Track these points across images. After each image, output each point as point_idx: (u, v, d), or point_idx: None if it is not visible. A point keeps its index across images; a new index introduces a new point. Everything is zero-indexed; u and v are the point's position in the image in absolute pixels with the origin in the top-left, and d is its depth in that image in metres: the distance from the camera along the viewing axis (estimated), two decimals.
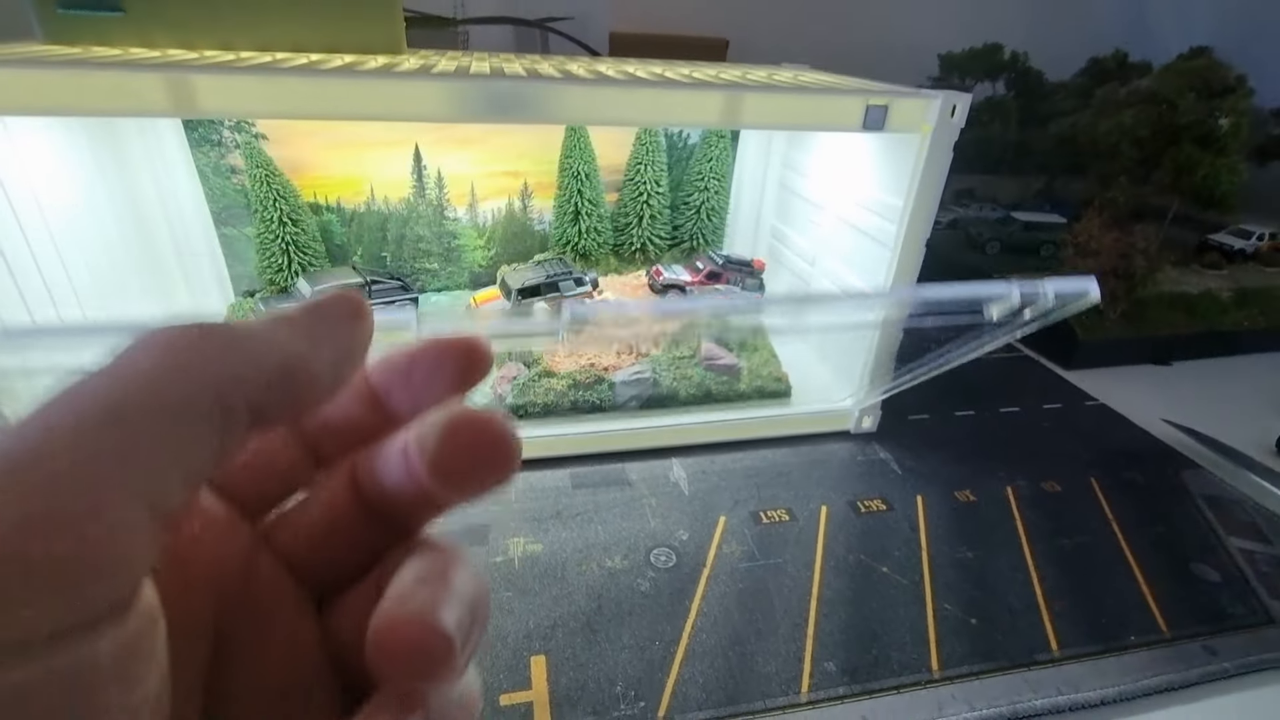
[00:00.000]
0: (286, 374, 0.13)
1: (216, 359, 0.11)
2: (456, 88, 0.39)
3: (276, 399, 0.12)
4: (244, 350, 0.12)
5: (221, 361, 0.11)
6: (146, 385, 0.11)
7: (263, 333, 0.13)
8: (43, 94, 0.35)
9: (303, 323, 0.13)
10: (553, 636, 0.39)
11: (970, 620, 0.42)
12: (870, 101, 0.45)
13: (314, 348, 0.13)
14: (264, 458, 0.15)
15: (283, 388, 0.12)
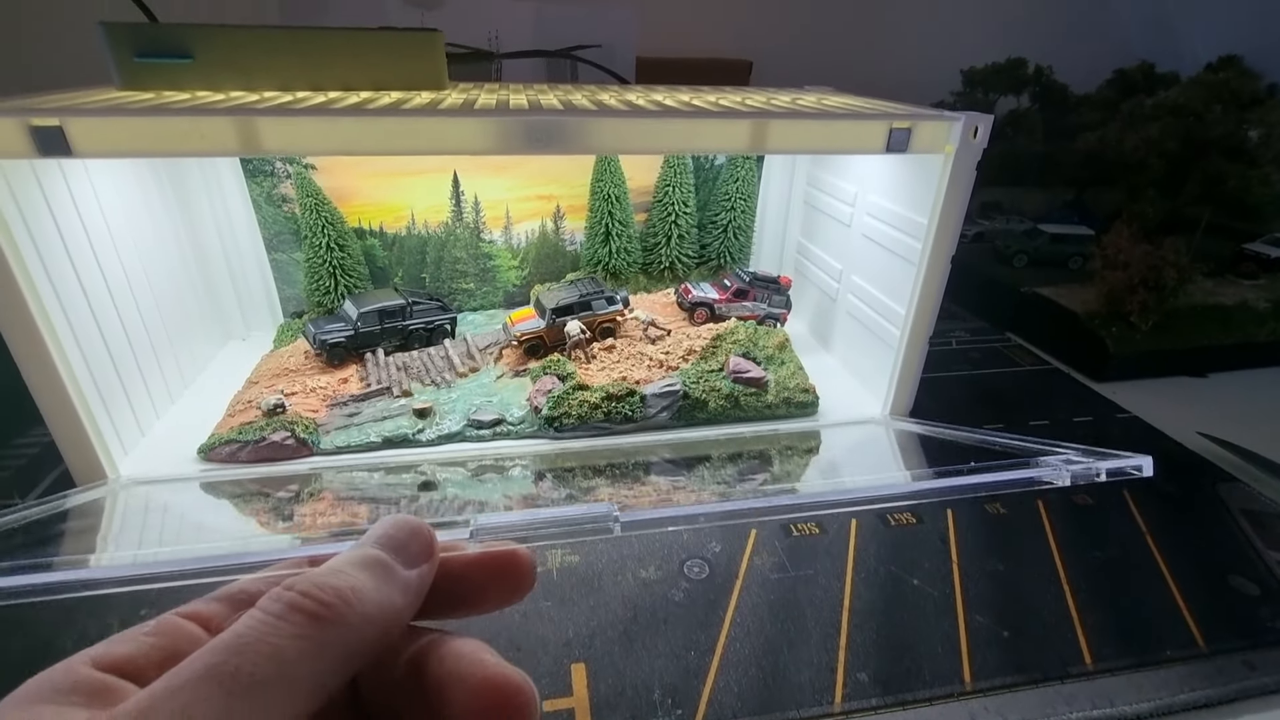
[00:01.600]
0: (387, 631, 0.16)
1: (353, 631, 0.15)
2: (497, 123, 0.42)
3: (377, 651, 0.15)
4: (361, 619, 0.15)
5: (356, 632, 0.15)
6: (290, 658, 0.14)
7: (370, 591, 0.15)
8: (128, 138, 0.39)
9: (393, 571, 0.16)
10: (591, 645, 0.40)
11: (1002, 632, 0.42)
12: (893, 125, 0.47)
13: (404, 595, 0.16)
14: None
15: (383, 641, 0.15)
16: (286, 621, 0.14)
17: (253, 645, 0.13)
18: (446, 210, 0.70)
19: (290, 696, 0.13)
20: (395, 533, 0.17)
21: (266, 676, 0.13)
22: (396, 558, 0.17)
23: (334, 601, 0.15)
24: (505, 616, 0.42)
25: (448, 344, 0.65)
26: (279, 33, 0.49)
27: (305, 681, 0.13)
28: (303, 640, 0.14)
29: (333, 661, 0.14)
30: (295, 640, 0.14)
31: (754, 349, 0.62)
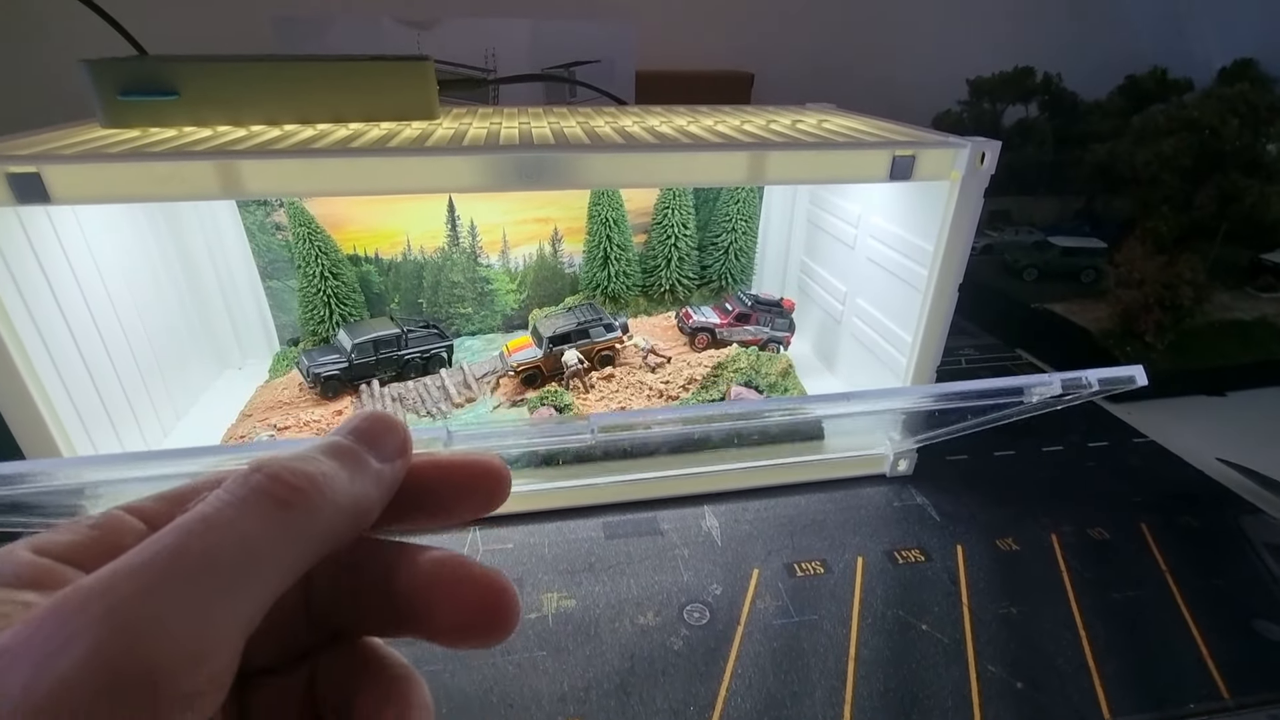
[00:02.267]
0: (357, 522, 0.15)
1: (323, 520, 0.14)
2: (485, 160, 0.41)
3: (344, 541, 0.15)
4: (331, 508, 0.14)
5: (326, 521, 0.14)
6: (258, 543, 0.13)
7: (342, 483, 0.15)
8: (107, 184, 0.38)
9: (365, 463, 0.15)
10: (587, 699, 0.39)
11: (1016, 683, 0.40)
12: (896, 153, 0.45)
13: (377, 487, 0.16)
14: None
15: (352, 532, 0.15)
16: (253, 506, 0.13)
17: (218, 528, 0.13)
18: (442, 235, 0.68)
19: (254, 582, 0.13)
20: (368, 426, 0.16)
21: (232, 561, 0.12)
22: (369, 450, 0.16)
23: (304, 487, 0.14)
24: (499, 668, 0.41)
25: (444, 374, 0.64)
26: (265, 65, 0.48)
27: (271, 568, 0.13)
28: (270, 525, 0.13)
29: (300, 549, 0.13)
30: (263, 525, 0.13)
31: (756, 377, 0.60)
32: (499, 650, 0.42)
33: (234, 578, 0.12)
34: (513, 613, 0.16)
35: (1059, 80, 0.98)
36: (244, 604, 0.12)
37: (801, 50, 1.05)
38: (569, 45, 0.90)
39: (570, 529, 0.52)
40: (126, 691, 0.10)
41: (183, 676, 0.11)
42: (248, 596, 0.12)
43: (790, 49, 1.05)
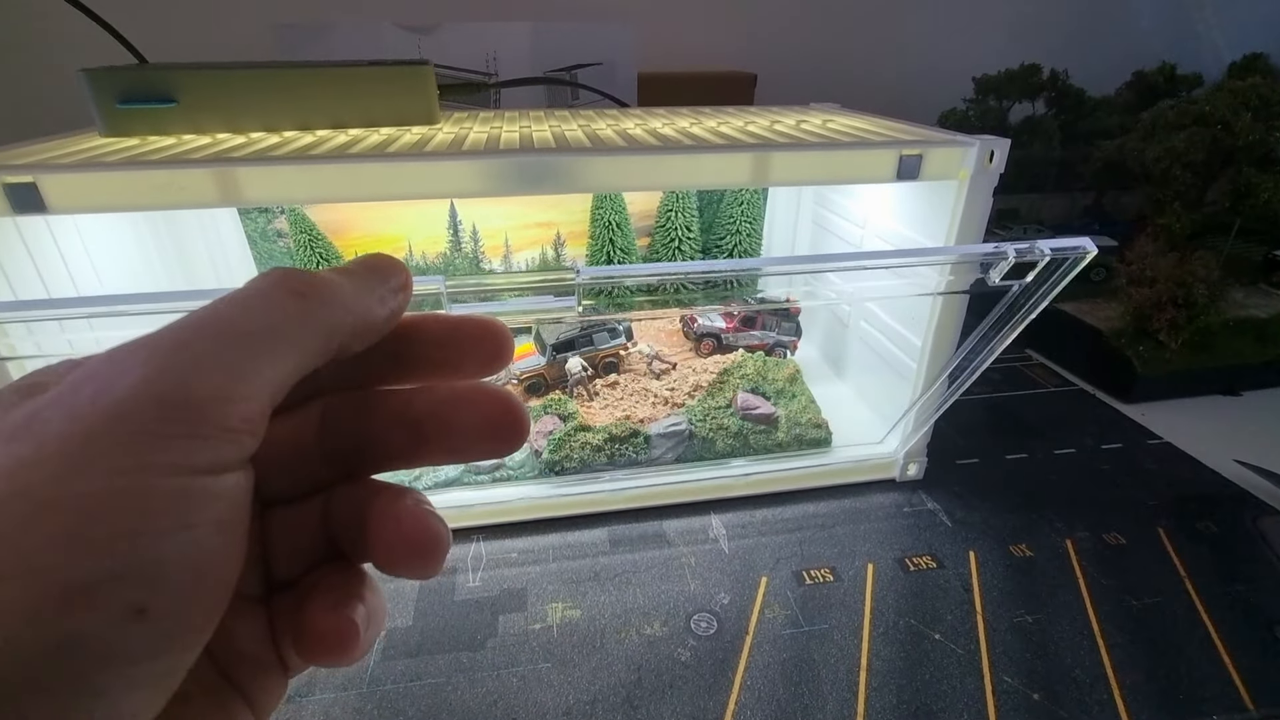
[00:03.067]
0: (361, 327, 0.16)
1: (331, 312, 0.16)
2: (486, 164, 0.40)
3: (350, 342, 0.16)
4: (345, 309, 0.16)
5: (334, 313, 0.16)
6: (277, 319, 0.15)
7: (349, 291, 0.16)
8: (105, 193, 0.37)
9: (371, 285, 0.17)
10: (592, 713, 0.38)
11: (1033, 695, 0.39)
12: (903, 152, 0.44)
13: (380, 306, 0.17)
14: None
15: (356, 334, 0.16)
16: (274, 292, 0.15)
17: (244, 305, 0.14)
18: (444, 241, 0.68)
19: (276, 350, 0.14)
20: (373, 259, 0.18)
21: (256, 329, 0.14)
22: (373, 275, 0.17)
23: (316, 284, 0.16)
24: (502, 680, 0.40)
25: None
26: (264, 72, 0.47)
27: (288, 344, 0.15)
28: (288, 308, 0.15)
29: (313, 332, 0.15)
30: (282, 307, 0.15)
31: (763, 383, 0.59)
32: (503, 662, 0.41)
33: (258, 342, 0.14)
34: (525, 420, 0.18)
35: (1066, 77, 0.97)
36: (267, 366, 0.14)
37: (804, 50, 1.05)
38: (570, 48, 0.90)
39: (575, 538, 0.51)
40: (171, 411, 0.12)
41: (215, 408, 0.13)
42: (270, 361, 0.14)
43: (793, 49, 1.04)
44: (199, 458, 0.13)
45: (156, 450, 0.12)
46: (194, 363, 0.13)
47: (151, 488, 0.12)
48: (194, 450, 0.13)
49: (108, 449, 0.12)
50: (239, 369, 0.14)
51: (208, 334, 0.14)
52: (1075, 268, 0.40)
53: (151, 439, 0.12)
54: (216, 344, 0.13)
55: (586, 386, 0.60)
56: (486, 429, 0.17)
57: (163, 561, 0.12)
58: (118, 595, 0.11)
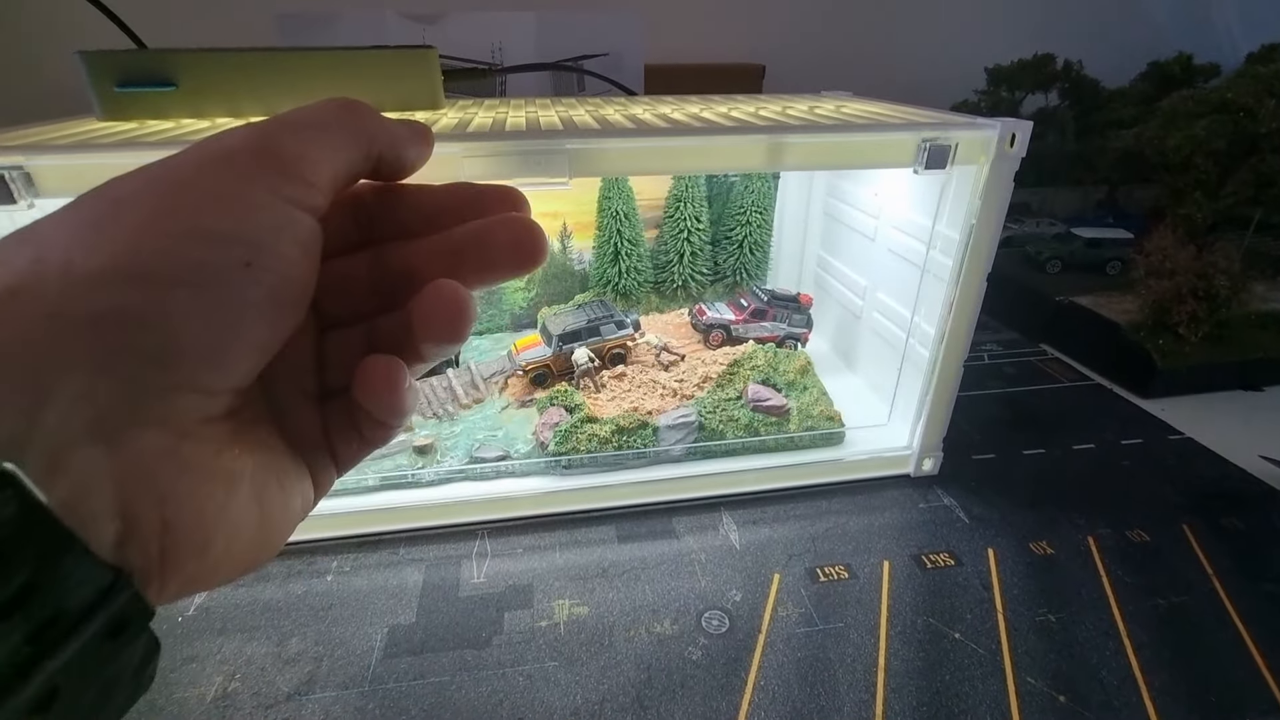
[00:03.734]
0: (394, 148, 0.20)
1: (372, 123, 0.20)
2: (494, 148, 0.39)
3: (386, 161, 0.20)
4: (382, 126, 0.20)
5: (374, 124, 0.20)
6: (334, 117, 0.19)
7: (384, 121, 0.20)
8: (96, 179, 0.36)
9: (402, 123, 0.21)
10: (601, 713, 0.37)
11: (1058, 697, 0.38)
12: (924, 136, 0.43)
13: (409, 142, 0.21)
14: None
15: (391, 157, 0.20)
16: (331, 104, 0.19)
17: (310, 110, 0.19)
18: None
19: (335, 143, 0.19)
20: (401, 118, 0.22)
21: (320, 123, 0.19)
22: (404, 120, 0.21)
23: (360, 104, 0.20)
24: (508, 679, 0.39)
25: (451, 373, 0.62)
26: (265, 55, 0.46)
27: (342, 137, 0.19)
28: (341, 114, 0.19)
29: (360, 134, 0.19)
30: (338, 112, 0.19)
31: (774, 374, 0.58)
32: (509, 660, 0.40)
33: (321, 131, 0.18)
34: (544, 239, 0.21)
35: (1080, 67, 0.95)
36: (328, 148, 0.18)
37: (813, 41, 1.03)
38: (576, 39, 0.89)
39: (582, 535, 0.50)
40: (266, 158, 0.17)
41: (296, 164, 0.17)
42: (331, 144, 0.18)
43: (801, 39, 1.02)
44: (286, 190, 0.17)
45: (256, 179, 0.17)
46: (279, 132, 0.18)
47: (254, 196, 0.17)
48: (283, 184, 0.17)
49: (222, 171, 0.17)
50: (311, 141, 0.18)
51: (287, 122, 0.18)
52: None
53: (253, 171, 0.17)
54: (294, 128, 0.18)
55: (593, 378, 0.59)
56: (513, 246, 0.21)
57: (261, 241, 0.17)
58: (232, 248, 0.16)
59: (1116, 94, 0.96)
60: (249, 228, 0.17)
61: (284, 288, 0.18)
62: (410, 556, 0.48)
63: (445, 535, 0.50)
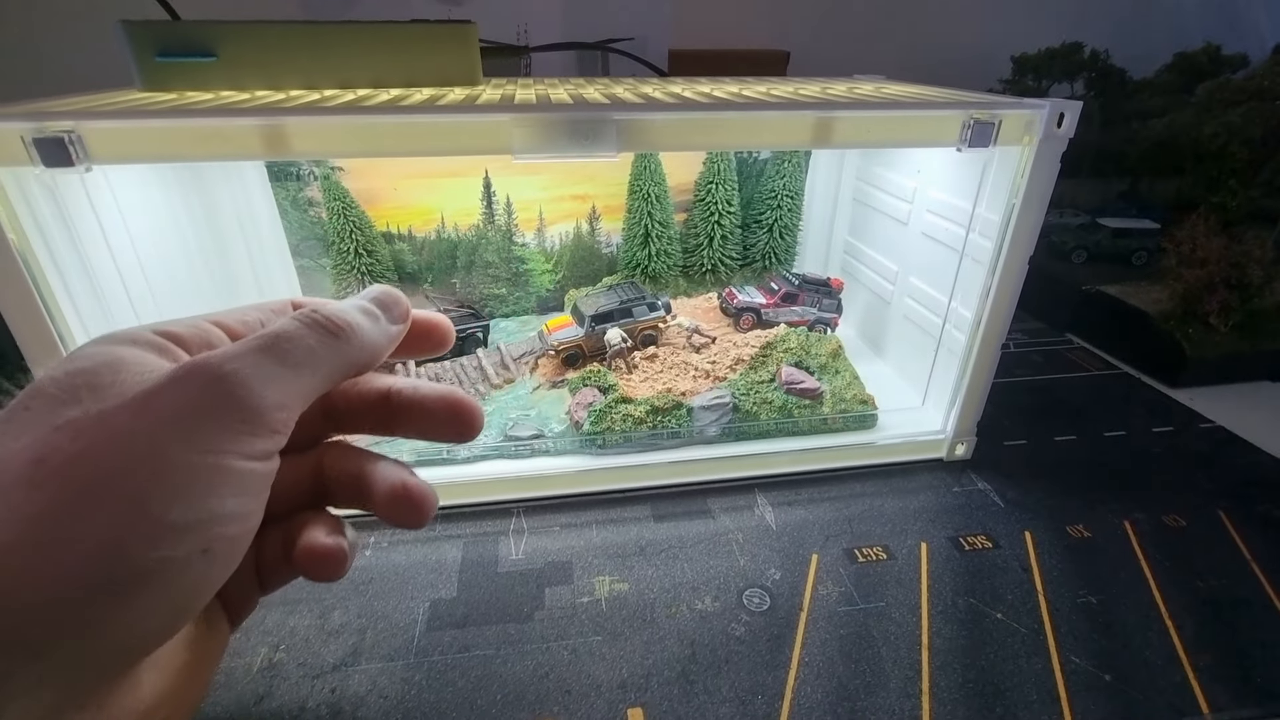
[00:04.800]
0: (372, 359, 0.23)
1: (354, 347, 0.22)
2: (543, 119, 0.39)
3: (363, 368, 0.23)
4: (359, 346, 0.22)
5: (356, 349, 0.22)
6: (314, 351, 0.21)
7: (367, 329, 0.22)
8: (147, 143, 0.36)
9: (383, 323, 0.23)
10: (648, 687, 0.37)
11: (1103, 676, 0.38)
12: (972, 115, 0.42)
13: (387, 341, 0.24)
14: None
15: (369, 363, 0.23)
16: (314, 330, 0.21)
17: (294, 338, 0.20)
18: (477, 212, 0.67)
19: (308, 375, 0.20)
20: (382, 297, 0.24)
21: (301, 360, 0.20)
22: (383, 313, 0.24)
23: (345, 326, 0.22)
24: (553, 653, 0.39)
25: (480, 353, 0.62)
26: (306, 28, 0.46)
27: (320, 370, 0.21)
28: (323, 343, 0.21)
29: (337, 365, 0.21)
30: (320, 343, 0.21)
31: (807, 357, 0.58)
32: (552, 634, 0.40)
33: (296, 368, 0.20)
34: (480, 416, 0.25)
35: (1107, 56, 0.95)
36: (300, 385, 0.20)
37: (836, 27, 1.02)
38: (602, 22, 0.88)
39: (617, 513, 0.50)
40: (246, 413, 0.18)
41: (271, 415, 0.19)
42: (302, 382, 0.20)
43: (824, 26, 1.02)
44: (256, 448, 0.18)
45: (218, 448, 0.17)
46: (250, 378, 0.18)
47: (226, 466, 0.18)
48: (255, 444, 0.18)
49: (177, 441, 0.17)
50: (290, 389, 0.19)
51: (260, 362, 0.19)
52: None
53: (214, 440, 0.17)
54: (265, 373, 0.19)
55: (626, 358, 0.59)
56: (450, 416, 0.24)
57: (225, 517, 0.18)
58: (191, 539, 0.17)
59: (1143, 84, 0.96)
60: (209, 510, 0.17)
61: (241, 544, 0.18)
62: (447, 533, 0.48)
63: (481, 513, 0.50)
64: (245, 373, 0.18)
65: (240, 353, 0.19)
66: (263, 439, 0.19)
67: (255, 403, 0.18)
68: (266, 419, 0.19)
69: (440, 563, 0.45)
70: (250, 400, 0.18)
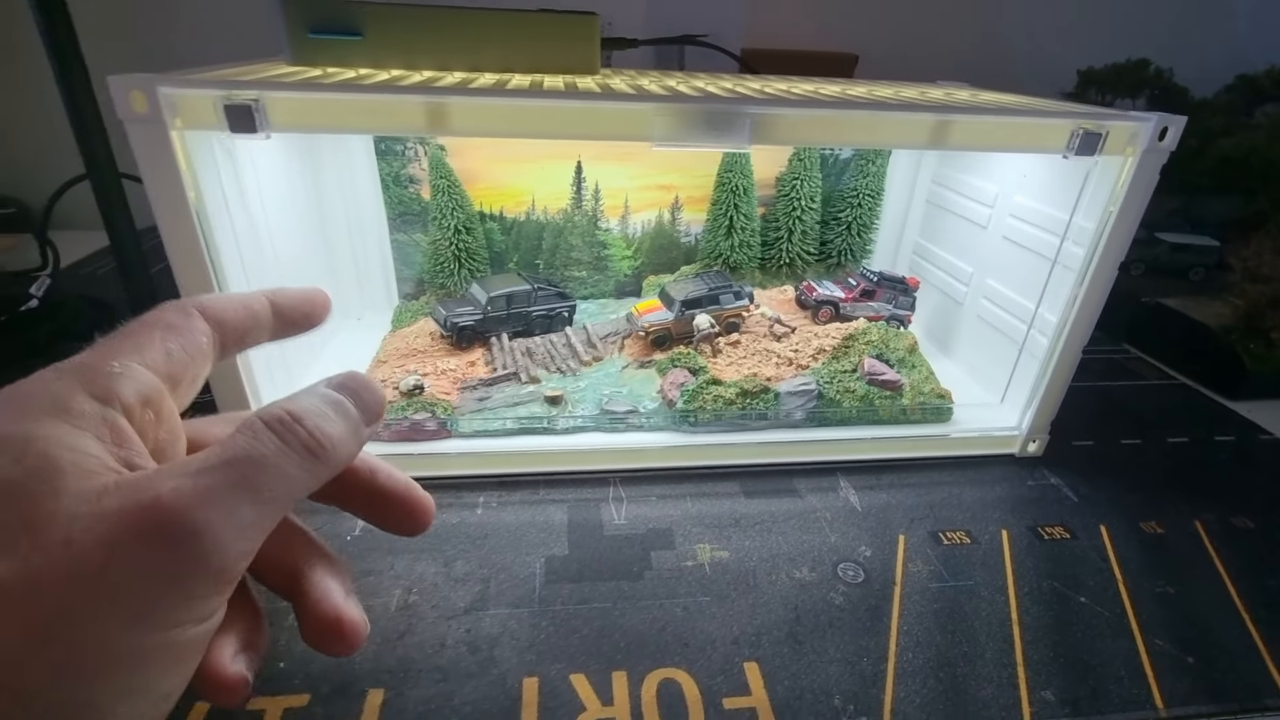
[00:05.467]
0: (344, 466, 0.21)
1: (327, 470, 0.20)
2: (681, 110, 0.41)
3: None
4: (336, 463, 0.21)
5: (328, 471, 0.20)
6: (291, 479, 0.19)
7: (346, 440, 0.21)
8: (319, 115, 0.39)
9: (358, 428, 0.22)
10: (759, 644, 0.40)
11: (1186, 658, 0.40)
12: (1082, 125, 0.45)
13: (358, 446, 0.22)
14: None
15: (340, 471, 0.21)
16: (295, 454, 0.19)
17: (272, 468, 0.18)
18: (567, 197, 0.69)
19: (281, 510, 0.19)
20: (370, 398, 0.23)
21: (277, 493, 0.18)
22: (363, 416, 0.22)
23: (327, 446, 0.20)
24: (666, 610, 0.41)
25: (569, 331, 0.65)
26: (444, 13, 0.48)
27: (295, 495, 0.19)
28: (303, 470, 0.19)
29: (313, 482, 0.20)
30: (300, 469, 0.19)
31: (886, 351, 0.60)
32: (662, 593, 0.43)
33: (271, 502, 0.18)
34: (431, 511, 0.25)
35: (1170, 75, 0.96)
36: (269, 521, 0.18)
37: (903, 32, 1.04)
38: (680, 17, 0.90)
39: (709, 488, 0.53)
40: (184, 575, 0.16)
41: (237, 564, 0.17)
42: (272, 516, 0.18)
43: (892, 30, 1.04)
44: (210, 608, 0.17)
45: (186, 611, 0.16)
46: (235, 530, 0.17)
47: (179, 641, 0.16)
48: (210, 604, 0.17)
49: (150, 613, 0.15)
50: (259, 528, 0.18)
51: (245, 496, 0.17)
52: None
53: (188, 602, 0.16)
54: (252, 507, 0.17)
55: (712, 343, 0.61)
56: (404, 504, 0.24)
57: (169, 693, 0.17)
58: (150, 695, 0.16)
59: (1203, 104, 0.97)
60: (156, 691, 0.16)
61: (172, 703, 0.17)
62: (550, 497, 0.51)
63: (580, 481, 0.53)
64: (218, 526, 0.16)
65: (211, 492, 0.16)
66: (220, 596, 0.17)
67: (221, 560, 0.16)
68: (230, 574, 0.17)
69: (548, 523, 0.48)
70: (217, 558, 0.16)
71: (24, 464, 0.15)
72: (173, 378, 0.20)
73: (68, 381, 0.17)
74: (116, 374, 0.18)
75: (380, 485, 0.24)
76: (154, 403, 0.19)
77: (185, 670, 0.17)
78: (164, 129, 0.37)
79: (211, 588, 0.16)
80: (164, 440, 0.20)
